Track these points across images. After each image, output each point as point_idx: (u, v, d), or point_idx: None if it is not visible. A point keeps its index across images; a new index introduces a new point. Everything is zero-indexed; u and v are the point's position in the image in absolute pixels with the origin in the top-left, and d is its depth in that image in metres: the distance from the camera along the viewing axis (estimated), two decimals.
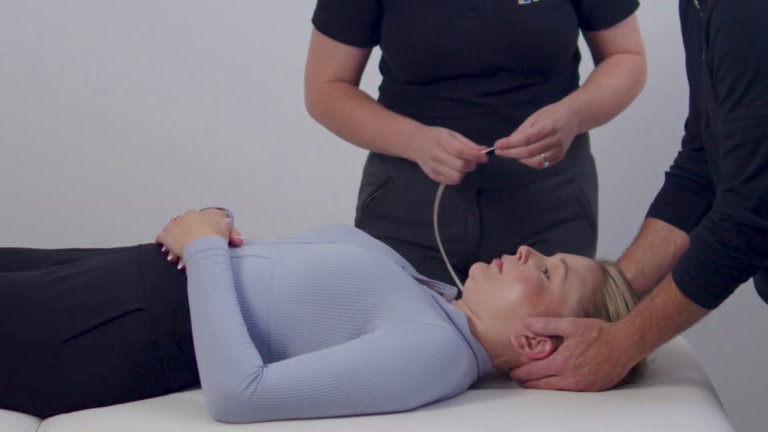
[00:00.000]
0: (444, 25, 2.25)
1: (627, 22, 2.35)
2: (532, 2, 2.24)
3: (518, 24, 2.24)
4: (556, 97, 2.27)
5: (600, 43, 2.37)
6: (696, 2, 1.89)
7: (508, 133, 2.18)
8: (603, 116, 2.32)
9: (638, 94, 2.38)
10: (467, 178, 2.24)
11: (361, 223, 2.46)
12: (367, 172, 2.47)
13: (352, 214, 2.56)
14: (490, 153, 2.18)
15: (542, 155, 2.15)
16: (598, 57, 2.39)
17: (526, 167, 2.21)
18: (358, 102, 2.34)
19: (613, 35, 2.35)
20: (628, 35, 2.35)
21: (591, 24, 2.34)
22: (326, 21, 2.36)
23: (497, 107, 2.29)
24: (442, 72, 2.29)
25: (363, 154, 2.52)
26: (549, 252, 2.06)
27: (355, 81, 2.40)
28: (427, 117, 2.28)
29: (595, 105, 2.28)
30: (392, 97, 2.37)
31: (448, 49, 2.26)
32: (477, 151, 2.18)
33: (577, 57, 2.38)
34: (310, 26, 2.40)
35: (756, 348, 3.27)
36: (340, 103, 2.35)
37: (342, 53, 2.35)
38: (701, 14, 1.85)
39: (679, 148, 2.18)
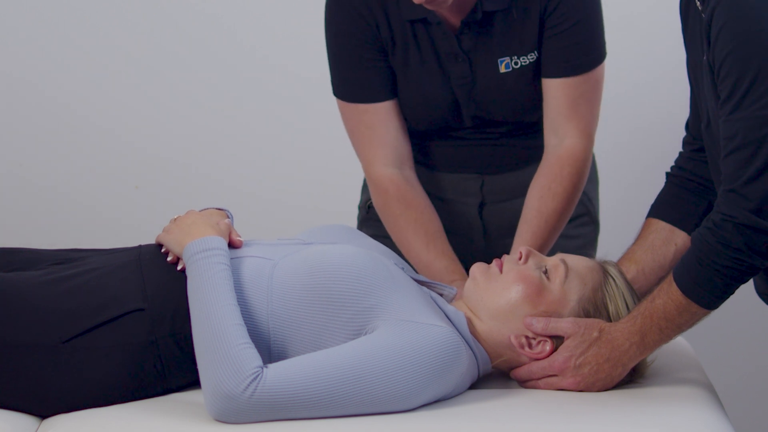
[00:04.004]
0: (434, 94, 2.28)
1: (579, 84, 2.25)
2: (512, 69, 2.25)
3: (501, 90, 2.27)
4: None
5: (547, 95, 2.27)
6: (697, 3, 1.89)
7: (515, 155, 2.30)
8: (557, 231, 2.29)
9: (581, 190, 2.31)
10: (471, 194, 2.32)
11: (363, 222, 2.48)
12: None
13: (352, 215, 2.56)
14: None
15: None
16: (545, 112, 2.29)
17: (529, 181, 2.28)
18: (412, 222, 2.28)
19: (560, 89, 2.25)
20: (577, 100, 2.25)
21: (543, 69, 2.27)
22: (349, 89, 2.32)
23: (497, 140, 2.36)
24: (436, 127, 2.34)
25: None
26: (555, 249, 2.07)
27: (404, 138, 2.33)
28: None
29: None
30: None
31: (439, 113, 2.31)
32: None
33: None
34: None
35: (756, 348, 3.27)
36: (395, 215, 2.30)
37: (379, 113, 2.30)
38: (702, 15, 1.85)
39: (680, 148, 2.18)
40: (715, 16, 1.78)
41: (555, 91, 2.25)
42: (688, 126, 2.15)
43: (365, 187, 2.50)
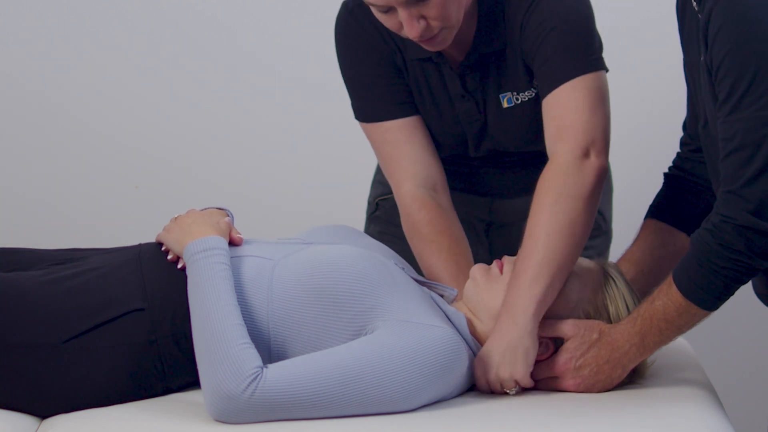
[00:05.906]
0: (445, 129, 2.27)
1: (568, 93, 2.08)
2: (515, 104, 2.23)
3: (507, 124, 2.25)
4: None
5: (544, 115, 2.12)
6: (694, 3, 1.89)
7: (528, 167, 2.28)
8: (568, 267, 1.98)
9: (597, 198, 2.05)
10: (479, 214, 2.37)
11: (372, 218, 2.49)
12: (381, 170, 2.48)
13: (354, 215, 2.57)
14: None
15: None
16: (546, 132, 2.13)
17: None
18: (445, 251, 2.20)
19: (552, 104, 2.09)
20: (567, 107, 2.07)
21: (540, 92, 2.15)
22: (369, 108, 2.27)
23: (508, 168, 2.37)
24: (448, 155, 2.33)
25: (364, 155, 2.52)
26: None
27: (432, 158, 2.26)
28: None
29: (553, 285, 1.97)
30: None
31: (451, 146, 2.31)
32: None
33: None
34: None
35: (756, 348, 3.27)
36: (425, 240, 2.21)
37: (402, 129, 2.25)
38: (699, 16, 1.84)
39: (678, 149, 2.18)
40: (713, 17, 1.77)
41: (547, 110, 2.09)
42: (685, 126, 2.15)
43: (374, 183, 2.50)
